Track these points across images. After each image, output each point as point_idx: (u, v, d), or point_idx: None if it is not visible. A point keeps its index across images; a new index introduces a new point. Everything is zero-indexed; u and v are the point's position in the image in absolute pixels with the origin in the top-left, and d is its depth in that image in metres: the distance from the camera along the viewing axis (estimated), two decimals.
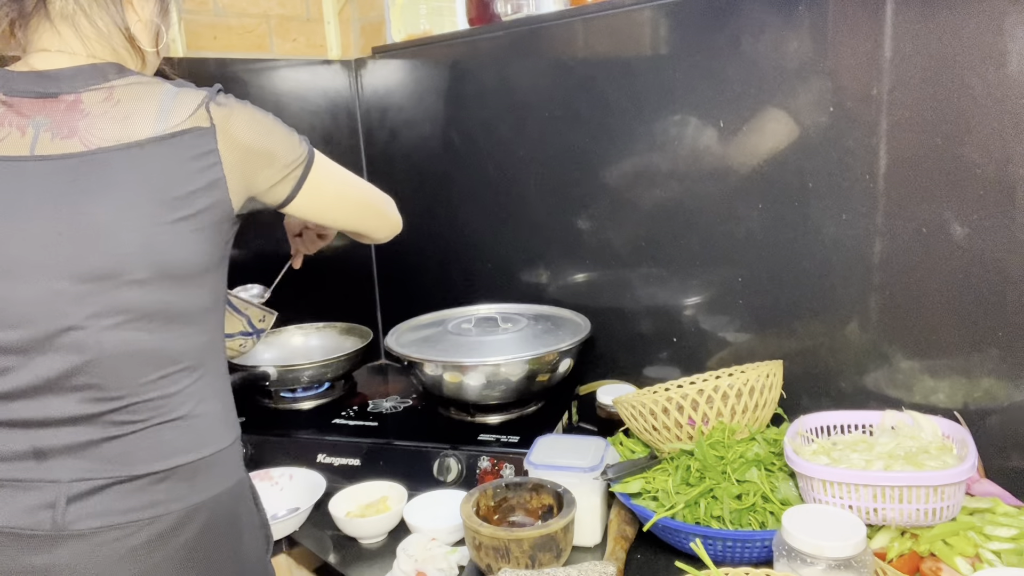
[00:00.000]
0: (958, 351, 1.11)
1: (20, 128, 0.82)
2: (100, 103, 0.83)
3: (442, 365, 1.34)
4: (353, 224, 1.07)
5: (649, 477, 1.14)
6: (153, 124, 0.83)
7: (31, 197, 0.80)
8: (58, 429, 0.83)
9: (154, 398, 0.85)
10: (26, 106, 0.83)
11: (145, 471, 0.84)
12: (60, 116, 0.82)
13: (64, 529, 0.81)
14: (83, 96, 0.84)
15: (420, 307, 1.64)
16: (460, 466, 1.28)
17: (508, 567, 1.01)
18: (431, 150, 1.79)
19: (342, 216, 1.05)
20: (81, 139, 0.81)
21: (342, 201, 1.03)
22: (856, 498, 0.93)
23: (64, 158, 0.80)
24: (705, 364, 1.41)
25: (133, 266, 0.81)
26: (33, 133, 0.82)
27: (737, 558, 1.01)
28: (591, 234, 1.54)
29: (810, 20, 1.16)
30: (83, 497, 0.82)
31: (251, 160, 0.88)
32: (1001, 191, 1.03)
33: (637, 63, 1.39)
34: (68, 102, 0.83)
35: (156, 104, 0.84)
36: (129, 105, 0.83)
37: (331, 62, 1.89)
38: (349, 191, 1.04)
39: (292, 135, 0.94)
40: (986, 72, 1.01)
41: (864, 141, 1.14)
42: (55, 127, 0.82)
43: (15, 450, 0.83)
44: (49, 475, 0.82)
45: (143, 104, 0.84)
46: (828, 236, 1.21)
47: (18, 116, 0.82)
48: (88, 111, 0.83)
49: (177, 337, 0.86)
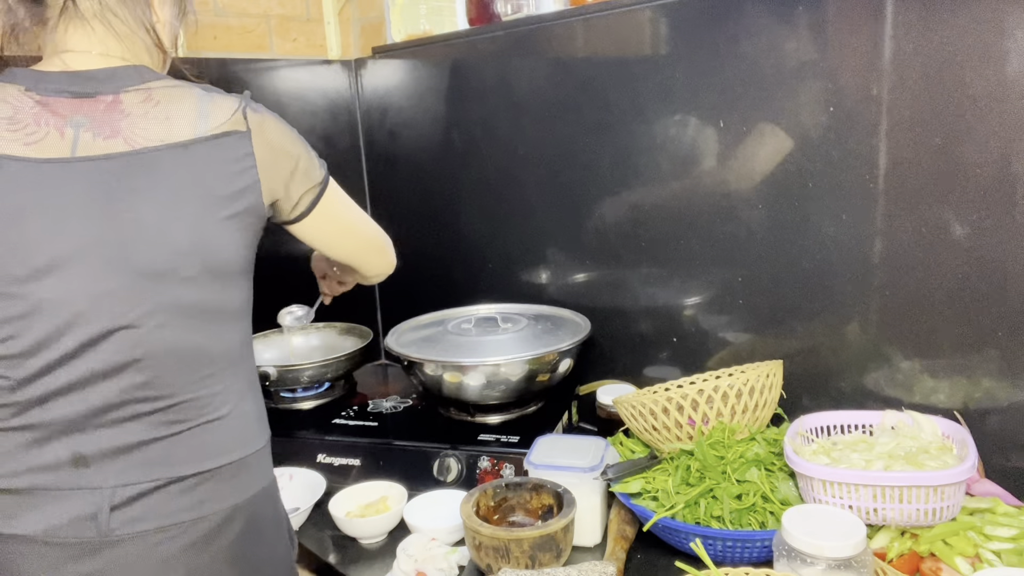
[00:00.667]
0: (958, 351, 1.11)
1: (58, 128, 0.81)
2: (140, 104, 0.84)
3: (442, 365, 1.34)
4: (354, 256, 1.08)
5: (649, 477, 1.14)
6: (194, 125, 0.84)
7: (78, 197, 0.80)
8: (101, 432, 0.82)
9: (199, 397, 0.86)
10: (62, 106, 0.83)
11: (189, 472, 0.85)
12: (100, 116, 0.82)
13: (109, 535, 0.81)
14: (122, 96, 0.84)
15: (420, 307, 1.64)
16: (460, 466, 1.28)
17: (508, 567, 1.01)
18: (431, 150, 1.78)
19: (346, 246, 1.06)
20: (125, 139, 0.82)
21: (349, 231, 1.04)
22: (856, 498, 0.93)
23: (108, 158, 0.81)
24: (705, 364, 1.41)
25: (185, 264, 0.82)
26: (73, 133, 0.81)
27: (737, 558, 1.01)
28: (591, 234, 1.54)
29: (810, 20, 1.16)
30: (128, 503, 0.82)
31: (280, 164, 0.90)
32: (1001, 191, 1.03)
33: (637, 63, 1.39)
34: (107, 102, 0.84)
35: (194, 106, 0.85)
36: (169, 106, 0.85)
37: (331, 62, 1.89)
38: (357, 223, 1.05)
39: (314, 154, 0.96)
40: (986, 72, 1.01)
41: (864, 141, 1.14)
42: (96, 127, 0.82)
43: (56, 457, 0.82)
44: (91, 482, 0.82)
45: (182, 106, 0.85)
46: (828, 236, 1.21)
47: (54, 116, 0.82)
48: (129, 111, 0.83)
49: (218, 335, 0.88)
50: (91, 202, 0.80)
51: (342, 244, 1.05)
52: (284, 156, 0.90)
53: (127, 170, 0.81)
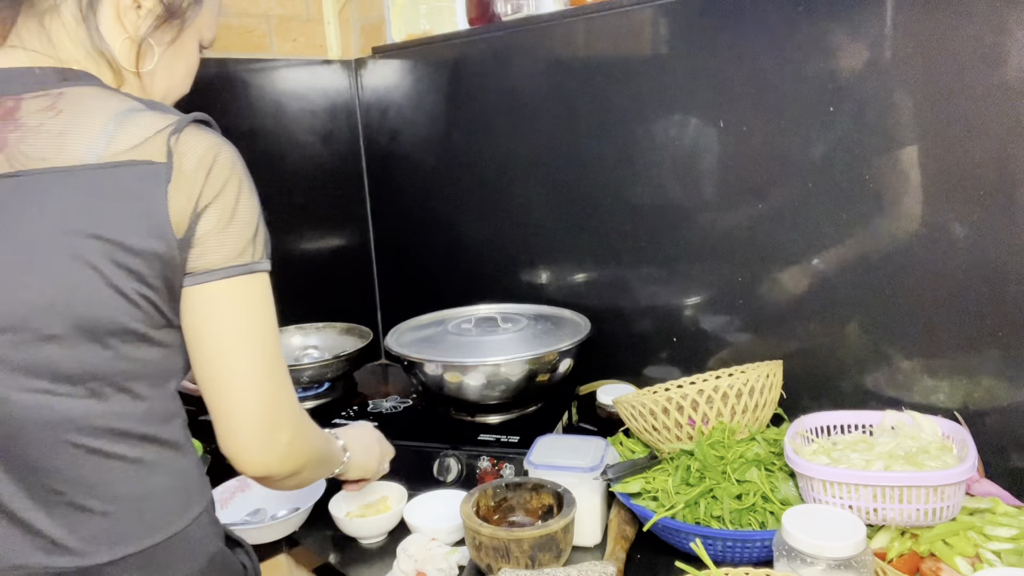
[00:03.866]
0: (958, 351, 1.11)
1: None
2: (38, 112, 0.71)
3: (442, 365, 1.34)
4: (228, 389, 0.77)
5: (649, 477, 1.14)
6: (92, 146, 0.70)
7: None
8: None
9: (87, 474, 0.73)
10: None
11: (93, 561, 0.73)
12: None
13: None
14: (23, 102, 0.72)
15: (420, 307, 1.64)
16: (460, 466, 1.28)
17: (508, 567, 1.01)
18: (431, 150, 1.79)
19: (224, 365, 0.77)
20: (7, 156, 0.69)
21: (244, 349, 0.76)
22: (856, 498, 0.93)
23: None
24: (705, 364, 1.41)
25: (42, 319, 0.69)
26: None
27: (737, 558, 1.01)
28: (591, 234, 1.54)
29: (809, 20, 1.16)
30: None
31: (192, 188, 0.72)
32: (1001, 191, 1.03)
33: (637, 63, 1.39)
34: (6, 108, 0.71)
35: (103, 122, 0.71)
36: (69, 119, 0.71)
37: (331, 62, 1.89)
38: (263, 347, 0.78)
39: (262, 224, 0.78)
40: (986, 72, 1.01)
41: (864, 141, 1.14)
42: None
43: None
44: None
45: (87, 120, 0.71)
46: (828, 236, 1.21)
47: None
48: (24, 122, 0.71)
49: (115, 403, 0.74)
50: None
51: (224, 359, 0.76)
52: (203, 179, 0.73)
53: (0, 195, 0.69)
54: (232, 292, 0.76)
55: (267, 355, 0.78)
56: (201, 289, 0.75)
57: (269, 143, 1.78)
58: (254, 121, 1.75)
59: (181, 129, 0.72)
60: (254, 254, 0.77)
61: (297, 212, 1.85)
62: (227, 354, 0.76)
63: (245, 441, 0.78)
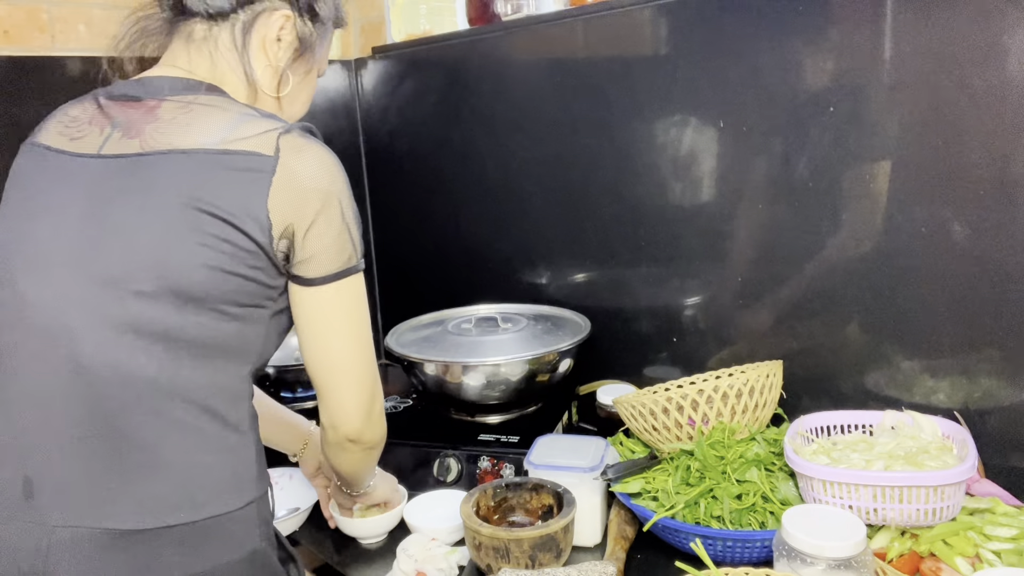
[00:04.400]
0: (958, 351, 1.11)
1: (100, 127, 0.82)
2: (174, 110, 0.82)
3: (442, 365, 1.34)
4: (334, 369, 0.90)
5: (649, 477, 1.14)
6: (209, 136, 0.78)
7: (80, 193, 0.78)
8: (52, 458, 0.76)
9: (147, 433, 0.77)
10: (114, 108, 0.83)
11: (127, 527, 0.76)
12: (136, 118, 0.81)
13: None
14: (164, 103, 0.82)
15: (420, 307, 1.64)
16: (460, 466, 1.28)
17: (508, 567, 1.01)
18: (431, 150, 1.79)
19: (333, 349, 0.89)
20: (142, 141, 0.79)
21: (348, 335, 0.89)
22: (856, 498, 0.93)
23: (119, 158, 0.79)
24: (705, 364, 1.41)
25: (139, 275, 0.75)
26: (108, 132, 0.81)
27: (737, 558, 1.01)
28: (591, 234, 1.54)
29: (809, 20, 1.16)
30: (66, 547, 0.75)
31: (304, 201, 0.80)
32: (1001, 191, 1.03)
33: (637, 63, 1.39)
34: (149, 106, 0.82)
35: (225, 121, 0.80)
36: (199, 116, 0.81)
37: (331, 62, 1.89)
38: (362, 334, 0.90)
39: (358, 231, 0.88)
40: (986, 72, 1.01)
41: (864, 141, 1.14)
42: (126, 128, 0.80)
43: (4, 478, 0.77)
44: (37, 515, 0.76)
45: (212, 118, 0.81)
46: (828, 236, 1.21)
47: (104, 117, 0.83)
48: (161, 116, 0.81)
49: (178, 370, 0.78)
50: (85, 198, 0.78)
51: (331, 344, 0.88)
52: (312, 194, 0.80)
53: (126, 171, 0.78)
54: (339, 290, 0.86)
55: (365, 342, 0.91)
56: (312, 291, 0.85)
57: None
58: None
59: (291, 131, 0.81)
60: (355, 256, 0.88)
61: None
62: (335, 342, 0.89)
63: (350, 411, 0.92)
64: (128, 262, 0.76)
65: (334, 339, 0.88)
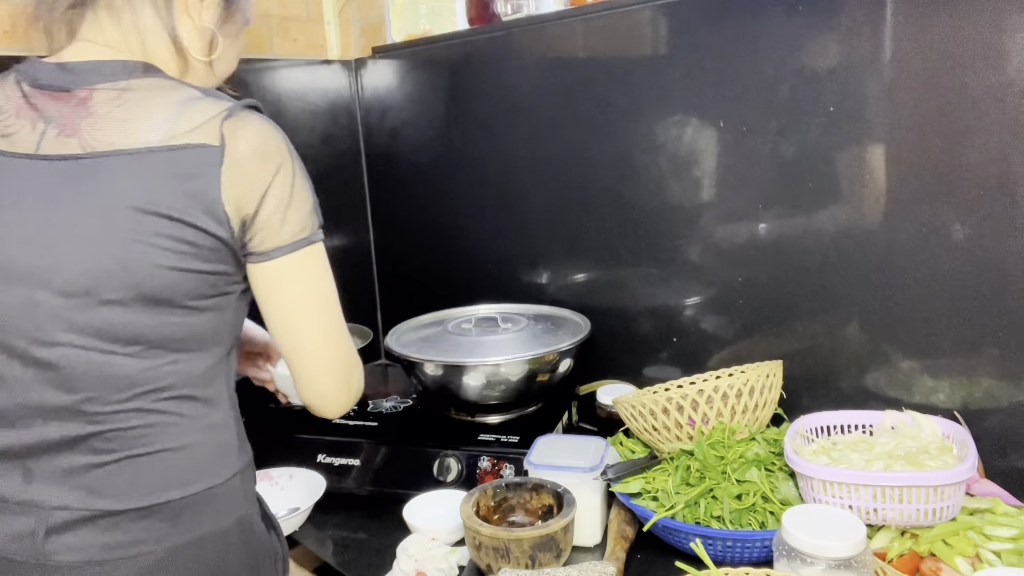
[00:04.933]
0: (958, 351, 1.11)
1: (32, 122, 0.79)
2: (107, 102, 0.79)
3: (442, 365, 1.34)
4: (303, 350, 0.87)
5: (649, 477, 1.14)
6: (152, 132, 0.77)
7: (29, 198, 0.77)
8: (44, 452, 0.79)
9: (133, 427, 0.79)
10: (42, 100, 0.80)
11: (125, 507, 0.79)
12: (68, 112, 0.78)
13: (44, 560, 0.78)
14: (95, 93, 0.79)
15: (420, 307, 1.64)
16: (460, 466, 1.28)
17: (508, 567, 1.01)
18: (431, 150, 1.79)
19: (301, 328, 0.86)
20: (80, 140, 0.77)
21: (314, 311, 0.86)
22: (856, 498, 0.93)
23: (62, 159, 0.77)
24: (705, 364, 1.41)
25: (108, 285, 0.76)
26: (42, 129, 0.78)
27: (737, 558, 1.01)
28: (591, 234, 1.54)
29: (810, 20, 1.16)
30: (63, 528, 0.78)
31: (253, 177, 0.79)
32: (1001, 191, 1.03)
33: (637, 63, 1.39)
34: (79, 98, 0.79)
35: (164, 111, 0.78)
36: (134, 108, 0.78)
37: (331, 62, 1.89)
38: (329, 312, 0.88)
39: (312, 195, 0.86)
40: (986, 72, 1.01)
41: (864, 141, 1.14)
42: (61, 124, 0.78)
43: (6, 468, 0.80)
44: (35, 498, 0.79)
45: (150, 108, 0.78)
46: (828, 236, 1.20)
47: (32, 110, 0.79)
48: (94, 110, 0.78)
49: (161, 364, 0.80)
50: (38, 205, 0.76)
51: (298, 322, 0.86)
52: (258, 170, 0.79)
53: (73, 174, 0.76)
54: (297, 264, 0.84)
55: (331, 315, 0.88)
56: (268, 265, 0.83)
57: None
58: None
59: (233, 114, 0.78)
60: (312, 227, 0.85)
61: None
62: (298, 319, 0.86)
63: (324, 390, 0.89)
64: (91, 272, 0.76)
65: (299, 318, 0.86)
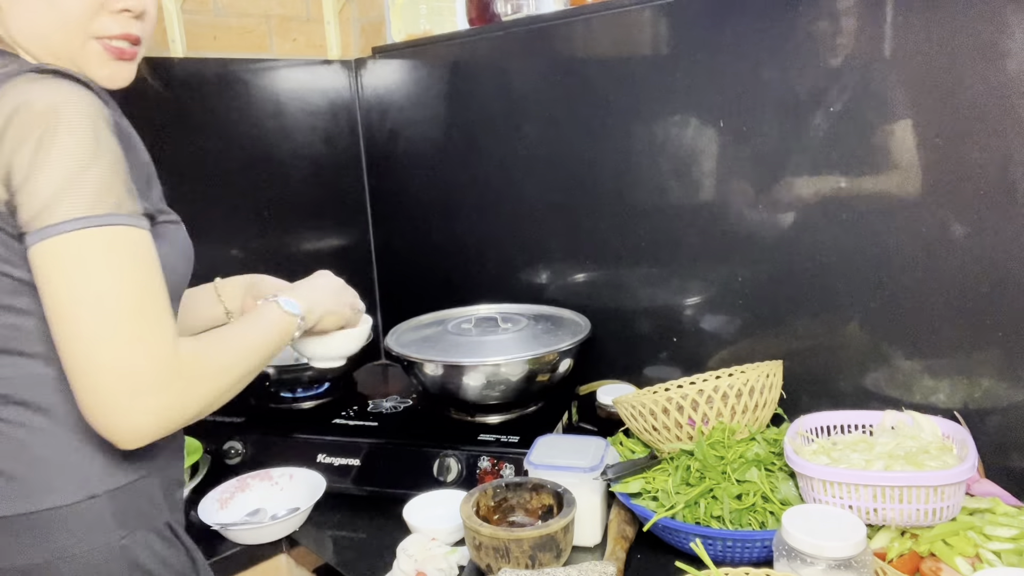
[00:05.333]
0: (958, 351, 1.11)
1: None
2: None
3: (442, 365, 1.34)
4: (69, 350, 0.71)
5: (649, 477, 1.14)
6: None
7: None
8: None
9: None
10: None
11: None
12: None
13: None
14: None
15: (420, 307, 1.64)
16: (460, 466, 1.28)
17: (508, 567, 1.01)
18: (431, 150, 1.79)
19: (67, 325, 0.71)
20: None
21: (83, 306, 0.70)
22: (856, 498, 0.93)
23: None
24: (705, 364, 1.41)
25: None
26: None
27: (737, 558, 1.01)
28: (591, 234, 1.54)
29: (810, 20, 1.16)
30: None
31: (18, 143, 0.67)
32: (1001, 191, 1.03)
33: (637, 63, 1.39)
34: None
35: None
36: None
37: (331, 62, 1.89)
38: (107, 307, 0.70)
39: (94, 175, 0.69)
40: (986, 72, 1.01)
41: (864, 141, 1.14)
42: None
43: None
44: None
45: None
46: (828, 236, 1.20)
47: None
48: None
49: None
50: None
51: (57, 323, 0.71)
52: (23, 127, 0.67)
53: None
54: (56, 252, 0.69)
55: (109, 320, 0.70)
56: (33, 251, 0.70)
57: (269, 143, 1.78)
58: (254, 121, 1.75)
59: (16, 76, 0.69)
60: (77, 209, 0.69)
61: (297, 212, 1.84)
62: (63, 319, 0.71)
63: (95, 408, 0.72)
64: None
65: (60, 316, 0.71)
